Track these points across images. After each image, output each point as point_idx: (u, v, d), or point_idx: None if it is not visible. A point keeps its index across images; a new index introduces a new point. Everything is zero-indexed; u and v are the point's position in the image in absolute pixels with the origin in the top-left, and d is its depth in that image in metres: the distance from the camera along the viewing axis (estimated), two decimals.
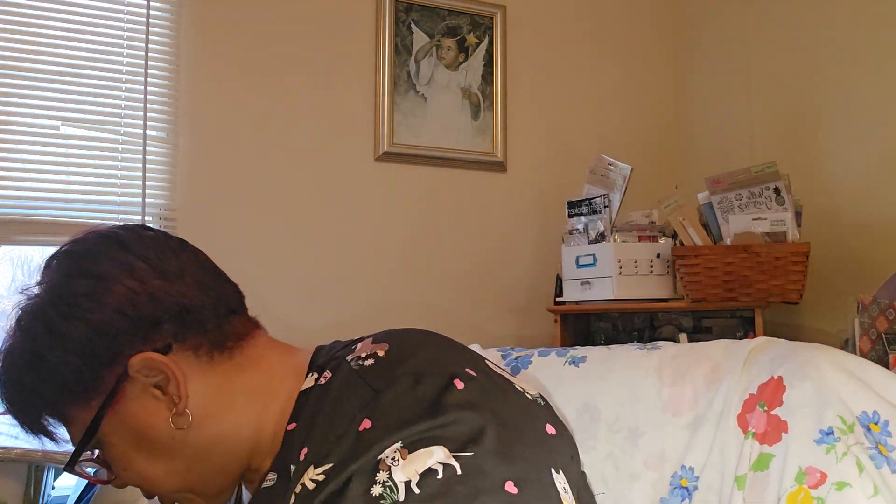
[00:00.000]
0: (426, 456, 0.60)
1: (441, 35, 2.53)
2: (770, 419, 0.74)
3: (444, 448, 0.60)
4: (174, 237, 0.82)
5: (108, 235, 0.77)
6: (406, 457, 0.59)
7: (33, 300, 0.75)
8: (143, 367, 0.72)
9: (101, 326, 0.71)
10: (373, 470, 0.60)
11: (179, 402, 0.73)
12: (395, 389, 0.65)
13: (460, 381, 0.66)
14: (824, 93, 2.27)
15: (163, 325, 0.73)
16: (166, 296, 0.74)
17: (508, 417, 0.66)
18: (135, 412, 0.73)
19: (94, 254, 0.75)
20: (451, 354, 0.73)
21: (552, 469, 0.65)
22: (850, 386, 0.72)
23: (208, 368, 0.75)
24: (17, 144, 2.04)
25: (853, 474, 0.67)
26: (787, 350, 0.79)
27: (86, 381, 0.72)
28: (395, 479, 0.58)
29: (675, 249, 2.09)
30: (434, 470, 0.59)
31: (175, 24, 2.22)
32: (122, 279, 0.73)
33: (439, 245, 2.52)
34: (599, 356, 0.93)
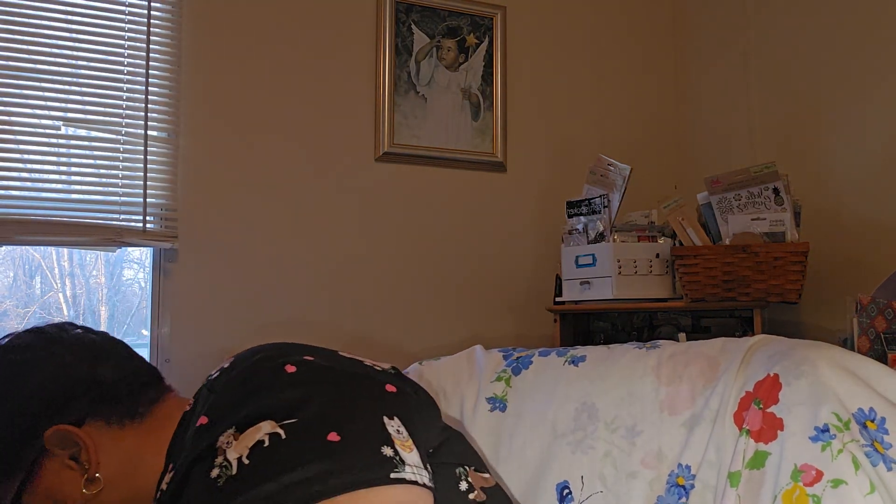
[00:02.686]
0: (255, 432, 0.65)
1: (441, 36, 2.54)
2: (765, 416, 0.74)
3: (270, 421, 0.65)
4: (98, 331, 0.92)
5: (32, 330, 0.87)
6: (238, 437, 0.65)
7: None
8: (57, 440, 0.79)
9: (21, 407, 0.79)
10: (212, 456, 0.65)
11: (90, 469, 0.79)
12: (226, 385, 0.71)
13: (291, 366, 0.71)
14: (823, 93, 2.28)
15: (77, 401, 0.81)
16: (82, 377, 0.83)
17: (338, 382, 0.71)
18: (52, 483, 0.80)
19: (17, 346, 0.84)
20: (289, 349, 0.78)
21: (384, 416, 0.70)
22: (847, 383, 0.72)
23: (120, 434, 0.82)
24: (18, 144, 2.04)
25: (849, 472, 0.67)
26: (784, 347, 0.79)
27: (8, 461, 0.79)
28: (229, 457, 0.64)
29: (675, 249, 2.09)
30: (261, 441, 0.64)
31: (176, 24, 2.22)
32: (44, 365, 0.82)
33: (439, 245, 2.52)
34: (599, 355, 0.94)
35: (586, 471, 0.84)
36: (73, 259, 2.53)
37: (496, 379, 0.99)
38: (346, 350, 0.86)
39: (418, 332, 2.46)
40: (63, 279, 2.56)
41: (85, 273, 2.58)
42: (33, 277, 2.54)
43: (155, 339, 2.18)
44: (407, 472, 0.65)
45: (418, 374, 1.06)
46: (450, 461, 0.78)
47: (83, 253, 2.43)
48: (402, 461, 0.66)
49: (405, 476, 0.65)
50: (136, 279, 2.54)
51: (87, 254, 2.44)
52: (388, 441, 0.67)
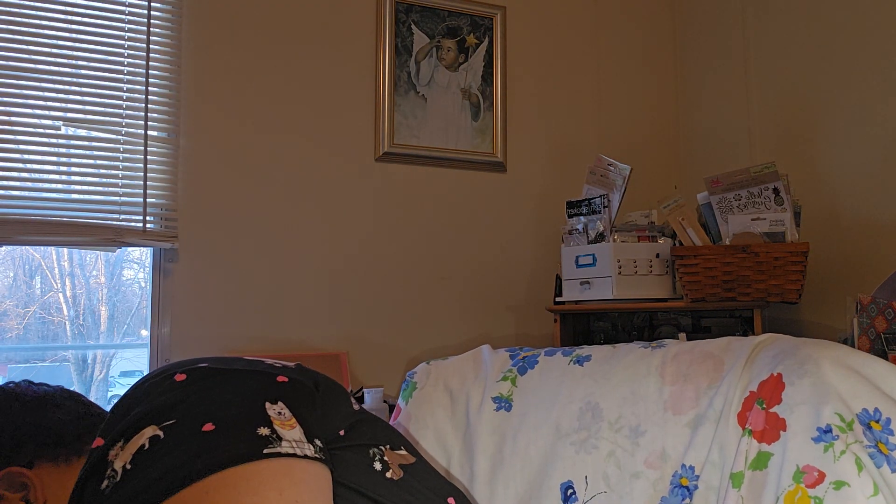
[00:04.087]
0: (138, 439, 0.65)
1: (441, 36, 2.54)
2: (769, 417, 0.73)
3: (152, 426, 0.65)
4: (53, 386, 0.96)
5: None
6: (124, 447, 0.65)
7: None
8: (8, 483, 0.83)
9: None
10: (103, 471, 0.66)
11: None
12: (117, 405, 0.72)
13: (181, 374, 0.72)
14: (823, 93, 2.28)
15: (25, 446, 0.85)
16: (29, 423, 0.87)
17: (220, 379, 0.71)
18: None
19: None
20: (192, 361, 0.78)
21: (266, 402, 0.69)
22: (851, 382, 0.71)
23: (67, 473, 0.87)
24: (18, 144, 2.04)
25: (852, 473, 0.66)
26: (789, 346, 0.78)
27: None
28: (115, 467, 0.64)
29: (675, 249, 2.09)
30: (142, 445, 0.64)
31: (176, 24, 2.22)
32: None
33: (439, 245, 2.52)
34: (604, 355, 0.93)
35: (590, 471, 0.84)
36: (73, 259, 2.52)
37: (502, 378, 0.99)
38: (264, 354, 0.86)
39: (418, 332, 2.46)
40: (63, 279, 2.55)
41: (85, 273, 2.58)
42: (33, 277, 2.54)
43: (155, 339, 2.18)
44: (284, 447, 0.65)
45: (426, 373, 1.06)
46: (361, 442, 0.78)
47: (83, 253, 2.43)
48: (279, 437, 0.66)
49: (280, 450, 0.64)
50: (136, 279, 2.54)
51: (87, 254, 2.44)
52: (265, 422, 0.66)
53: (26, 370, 2.44)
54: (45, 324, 2.53)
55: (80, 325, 2.57)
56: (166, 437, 0.64)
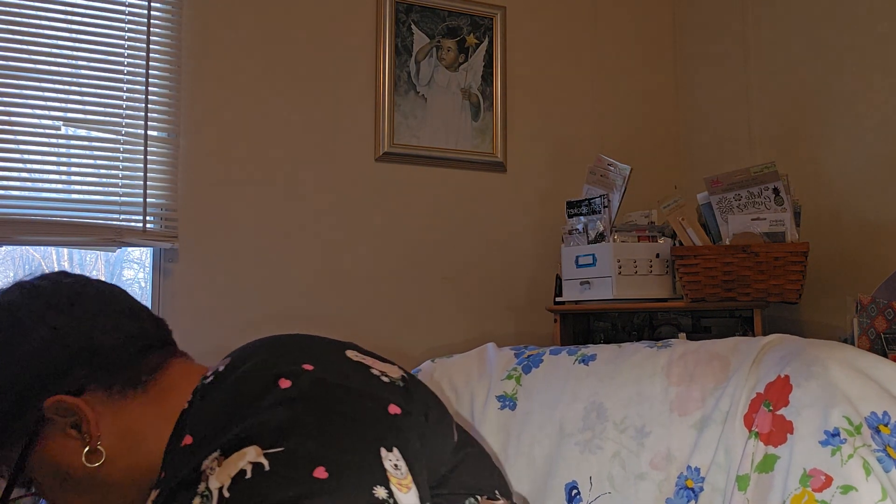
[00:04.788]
0: (238, 458, 0.60)
1: (441, 36, 2.54)
2: (775, 419, 0.72)
3: (256, 447, 0.61)
4: (94, 282, 0.87)
5: (28, 288, 0.83)
6: (222, 463, 0.60)
7: None
8: (56, 410, 0.77)
9: (19, 376, 0.77)
10: (195, 482, 0.61)
11: (91, 441, 0.77)
12: (212, 400, 0.68)
13: (286, 380, 0.67)
14: (823, 93, 2.28)
15: (75, 368, 0.78)
16: (77, 341, 0.79)
17: (333, 404, 0.66)
18: (53, 451, 0.78)
19: (14, 307, 0.80)
20: (289, 354, 0.73)
21: (382, 448, 0.64)
22: (859, 385, 0.70)
23: (121, 404, 0.79)
24: (18, 144, 2.04)
25: (860, 477, 0.65)
26: (796, 347, 0.78)
27: (8, 427, 0.77)
28: (211, 486, 0.60)
29: (675, 249, 2.09)
30: (243, 471, 0.59)
31: (176, 24, 2.22)
32: (38, 329, 0.78)
33: (439, 245, 2.52)
34: (609, 355, 0.93)
35: (595, 471, 0.84)
36: (73, 259, 2.52)
37: (507, 377, 0.99)
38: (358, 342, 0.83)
39: (418, 333, 2.46)
40: None
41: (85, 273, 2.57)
42: None
43: None
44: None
45: (430, 371, 1.06)
46: (459, 492, 0.74)
47: (83, 253, 2.43)
48: None
49: None
50: (136, 279, 2.53)
51: (87, 254, 2.44)
52: (382, 480, 0.61)
53: None
54: None
55: None
56: (272, 469, 0.59)
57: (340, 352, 0.77)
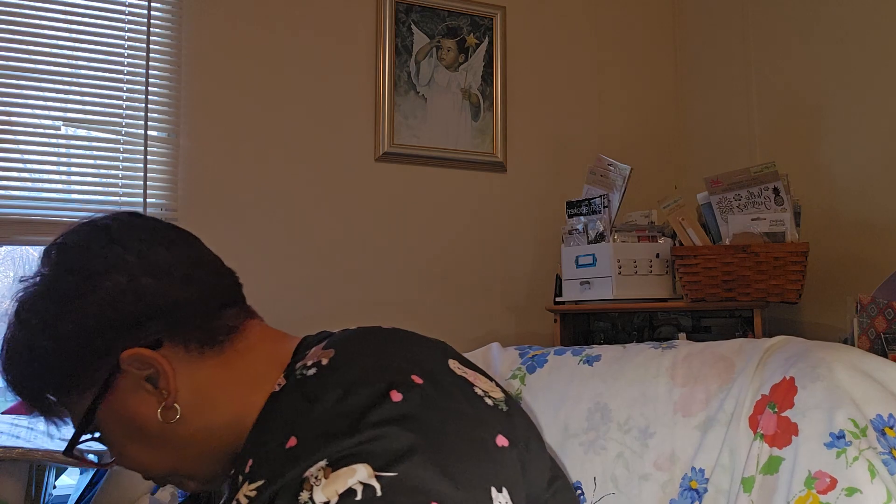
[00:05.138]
0: (348, 475, 0.58)
1: (441, 36, 2.54)
2: (780, 421, 0.72)
3: (367, 466, 0.58)
4: (167, 225, 0.84)
5: (100, 228, 0.79)
6: (329, 475, 0.58)
7: (30, 292, 0.77)
8: (134, 362, 0.74)
9: (91, 324, 0.74)
10: (297, 489, 0.59)
11: (168, 397, 0.75)
12: (323, 402, 0.64)
13: (398, 393, 0.64)
14: (823, 93, 2.28)
15: (153, 320, 0.75)
16: (156, 292, 0.76)
17: (447, 431, 0.63)
18: (126, 404, 0.76)
19: (84, 249, 0.77)
20: (397, 359, 0.71)
21: (493, 487, 0.62)
22: (864, 387, 0.70)
23: (198, 363, 0.77)
24: (18, 144, 2.03)
25: (864, 480, 0.65)
26: (801, 349, 0.78)
27: (78, 374, 0.75)
28: (316, 499, 0.57)
29: (675, 249, 2.09)
30: (353, 490, 0.57)
31: (176, 24, 2.22)
32: (111, 276, 0.75)
33: (439, 245, 2.52)
34: (613, 355, 0.93)
35: (598, 471, 0.84)
36: None
37: (511, 377, 0.99)
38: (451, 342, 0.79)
39: (417, 332, 2.45)
40: None
41: None
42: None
43: None
44: None
45: None
46: None
47: None
48: None
49: None
50: None
51: None
52: None
53: None
54: None
55: None
56: (384, 495, 0.56)
57: (444, 361, 0.74)
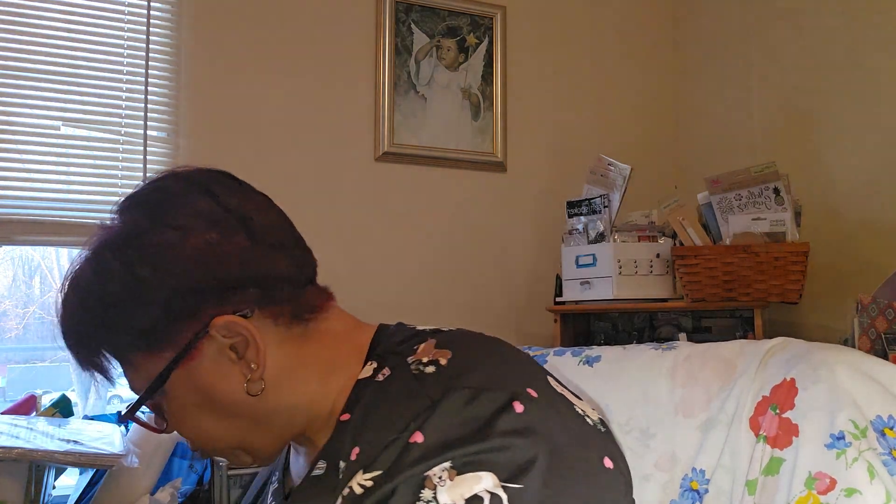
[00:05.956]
0: (474, 481, 0.58)
1: (441, 35, 2.53)
2: (781, 422, 0.73)
3: (493, 475, 0.58)
4: (259, 192, 0.81)
5: (197, 182, 0.76)
6: (454, 478, 0.58)
7: (114, 235, 0.73)
8: (224, 329, 0.70)
9: (185, 282, 0.70)
10: (418, 485, 0.58)
11: (257, 370, 0.72)
12: (450, 404, 0.63)
13: (520, 404, 0.63)
14: (824, 93, 2.28)
15: (247, 288, 0.72)
16: (252, 258, 0.73)
17: (563, 448, 0.62)
18: (207, 371, 0.72)
19: (181, 202, 0.74)
20: (514, 370, 0.70)
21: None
22: (865, 388, 0.71)
23: (285, 338, 0.74)
24: (18, 144, 2.03)
25: (864, 480, 0.66)
26: (802, 350, 0.78)
27: (160, 332, 0.71)
28: (440, 499, 0.57)
29: (675, 249, 2.09)
30: (480, 498, 0.57)
31: (176, 23, 2.22)
32: (209, 234, 0.71)
33: (439, 245, 2.52)
34: (614, 356, 0.93)
35: None
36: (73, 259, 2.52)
37: None
38: None
39: None
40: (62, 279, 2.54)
41: None
42: (32, 277, 2.53)
43: None
44: None
45: None
46: None
47: None
48: None
49: None
50: None
51: None
52: None
53: (26, 370, 2.44)
54: (45, 324, 2.52)
55: None
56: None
57: (545, 377, 0.72)
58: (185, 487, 1.76)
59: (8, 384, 2.37)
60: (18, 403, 1.84)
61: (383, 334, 0.83)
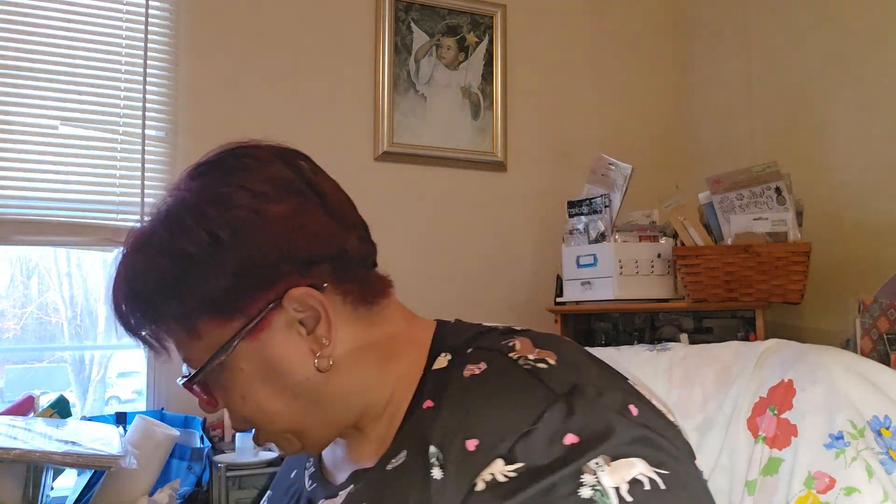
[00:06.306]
0: (629, 466, 0.59)
1: (441, 34, 2.53)
2: (780, 423, 0.73)
3: (644, 461, 0.59)
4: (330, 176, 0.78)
5: (276, 152, 0.75)
6: (610, 464, 0.59)
7: (190, 196, 0.70)
8: (297, 302, 0.68)
9: (263, 248, 0.68)
10: (577, 472, 0.59)
11: (328, 346, 0.69)
12: (583, 399, 0.64)
13: (634, 407, 0.65)
14: (825, 92, 2.27)
15: (322, 263, 0.70)
16: (328, 234, 0.71)
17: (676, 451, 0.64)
18: (275, 343, 0.69)
19: (262, 168, 0.72)
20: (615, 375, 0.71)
21: None
22: (861, 389, 0.71)
23: (352, 318, 0.72)
24: (16, 144, 2.03)
25: (862, 479, 0.66)
26: (797, 353, 0.78)
27: (233, 299, 0.68)
28: (604, 483, 0.58)
29: (676, 249, 2.08)
30: (640, 481, 0.58)
31: (174, 23, 2.21)
32: (289, 203, 0.70)
33: (439, 245, 2.51)
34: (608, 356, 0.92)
35: None
36: (71, 259, 2.51)
37: None
38: None
39: None
40: (60, 279, 2.54)
41: (82, 273, 2.57)
42: (30, 277, 2.53)
43: None
44: None
45: None
46: None
47: (80, 253, 2.42)
48: None
49: None
50: None
51: (84, 254, 2.43)
52: None
53: (24, 371, 2.43)
54: (43, 324, 2.52)
55: (78, 326, 2.56)
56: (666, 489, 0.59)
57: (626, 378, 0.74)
58: (184, 488, 1.75)
59: (6, 385, 2.37)
60: (16, 404, 1.84)
61: (446, 329, 0.83)
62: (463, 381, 0.69)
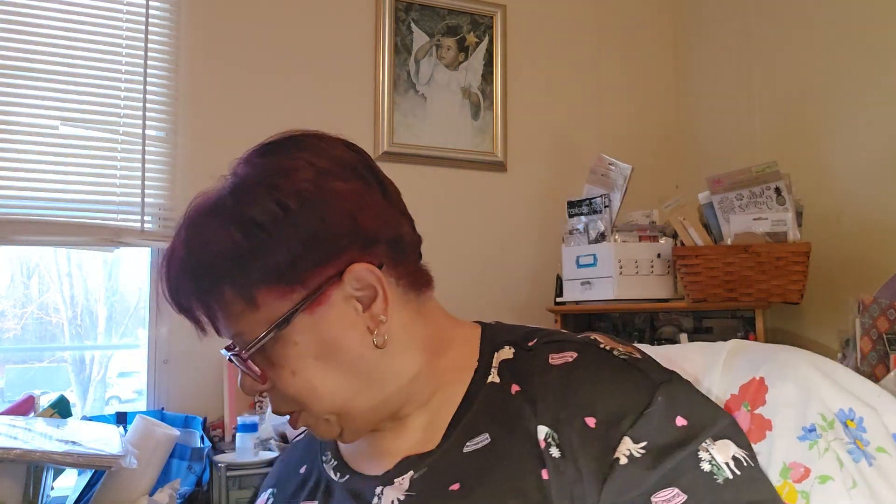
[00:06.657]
0: (727, 446, 0.66)
1: (441, 34, 2.53)
2: (754, 418, 0.75)
3: (733, 443, 0.67)
4: None
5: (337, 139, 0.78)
6: (714, 444, 0.66)
7: (259, 169, 0.73)
8: (356, 279, 0.70)
9: (329, 222, 0.69)
10: (695, 450, 0.65)
11: (385, 323, 0.71)
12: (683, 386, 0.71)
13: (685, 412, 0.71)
14: (825, 92, 2.27)
15: (381, 243, 0.72)
16: (387, 216, 0.73)
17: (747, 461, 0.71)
18: (333, 318, 0.70)
19: (327, 148, 0.74)
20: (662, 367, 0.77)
21: None
22: (827, 385, 0.75)
23: (403, 302, 0.74)
24: (16, 144, 2.03)
25: (835, 468, 0.70)
26: (765, 352, 0.81)
27: (297, 270, 0.68)
28: (717, 458, 0.65)
29: (676, 249, 2.08)
30: (739, 458, 0.66)
31: (174, 23, 2.21)
32: (353, 182, 0.72)
33: (439, 245, 2.49)
34: None
35: None
36: (71, 259, 2.52)
37: None
38: None
39: None
40: (61, 279, 2.55)
41: (83, 273, 2.57)
42: (31, 277, 2.53)
43: (153, 339, 2.16)
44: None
45: None
46: None
47: (81, 253, 2.42)
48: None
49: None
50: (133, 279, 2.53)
51: (84, 254, 2.43)
52: None
53: (24, 371, 2.43)
54: (43, 324, 2.52)
55: (78, 326, 2.56)
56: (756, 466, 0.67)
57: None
58: (184, 488, 1.76)
59: (6, 385, 2.37)
60: (17, 404, 1.84)
61: (492, 328, 0.86)
62: (555, 368, 0.72)
